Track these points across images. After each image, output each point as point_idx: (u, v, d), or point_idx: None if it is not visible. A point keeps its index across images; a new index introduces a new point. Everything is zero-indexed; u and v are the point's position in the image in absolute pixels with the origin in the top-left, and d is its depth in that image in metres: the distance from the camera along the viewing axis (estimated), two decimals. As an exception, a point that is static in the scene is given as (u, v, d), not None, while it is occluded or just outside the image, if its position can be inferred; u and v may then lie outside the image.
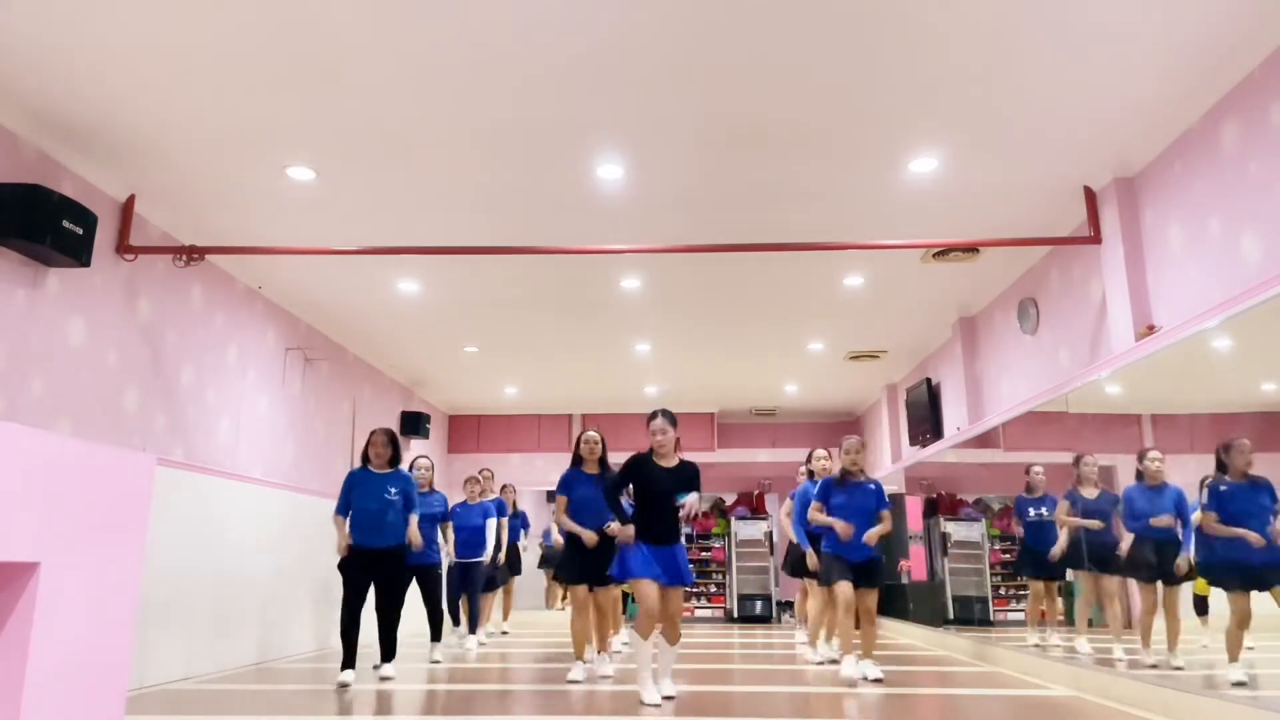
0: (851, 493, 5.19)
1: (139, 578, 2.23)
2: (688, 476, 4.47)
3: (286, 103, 4.69)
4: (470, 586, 7.52)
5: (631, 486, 4.51)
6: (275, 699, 4.55)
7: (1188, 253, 4.88)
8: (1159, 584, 4.37)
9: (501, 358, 10.14)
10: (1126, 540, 4.63)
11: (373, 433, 5.46)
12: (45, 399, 5.03)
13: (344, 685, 4.96)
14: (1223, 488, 3.78)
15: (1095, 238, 5.59)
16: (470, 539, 7.42)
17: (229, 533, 5.84)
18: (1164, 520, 4.31)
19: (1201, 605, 4.19)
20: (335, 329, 8.93)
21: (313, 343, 8.69)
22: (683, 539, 4.51)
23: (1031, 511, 5.89)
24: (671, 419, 4.49)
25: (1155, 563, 4.36)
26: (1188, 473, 4.22)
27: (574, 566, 5.22)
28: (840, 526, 5.06)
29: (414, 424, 11.11)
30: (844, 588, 5.08)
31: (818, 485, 5.48)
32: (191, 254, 6.02)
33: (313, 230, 6.37)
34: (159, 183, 5.59)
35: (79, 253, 4.91)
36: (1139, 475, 4.55)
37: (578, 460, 5.35)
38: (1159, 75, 4.40)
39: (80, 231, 4.90)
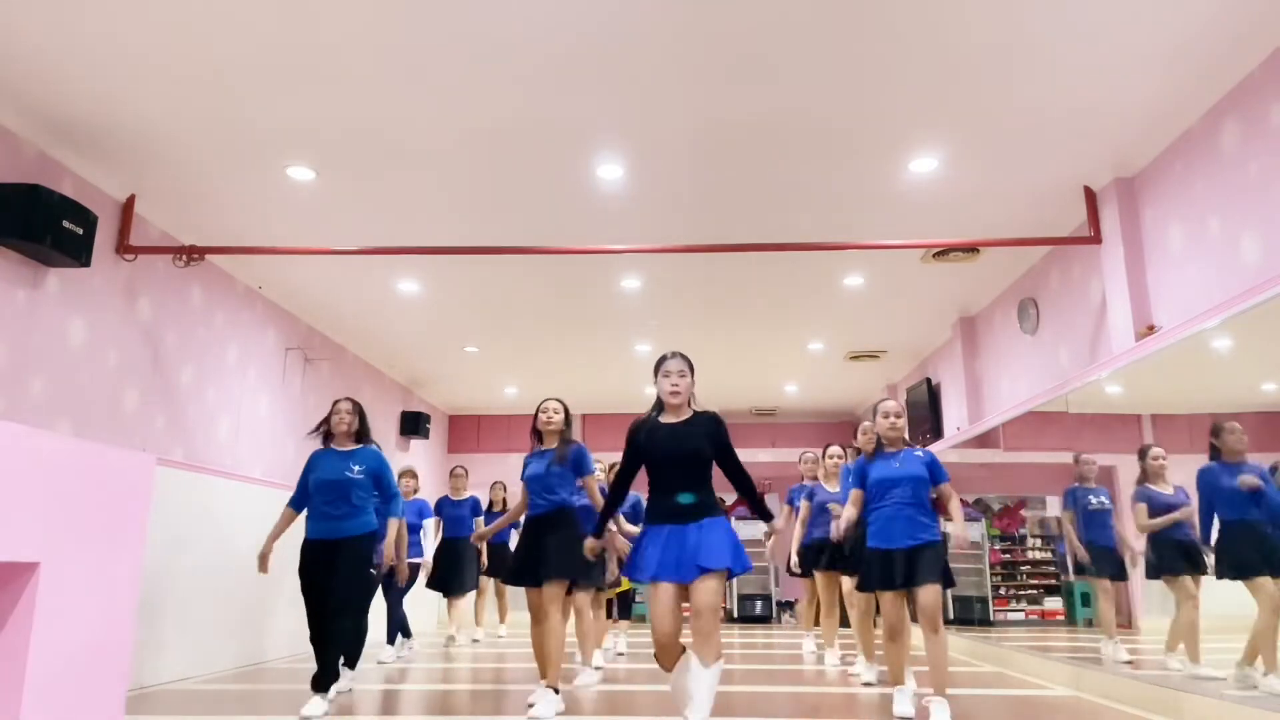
0: (890, 461, 4.01)
1: (139, 577, 2.23)
2: (704, 430, 3.33)
3: (286, 103, 4.69)
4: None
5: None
6: (275, 699, 4.54)
7: (1188, 253, 4.87)
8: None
9: (501, 358, 10.14)
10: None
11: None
12: (45, 399, 5.03)
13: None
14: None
15: (1095, 238, 5.59)
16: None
17: (229, 533, 5.83)
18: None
19: None
20: (335, 329, 8.93)
21: (313, 343, 8.68)
22: (720, 512, 3.26)
23: (1093, 500, 5.30)
24: (689, 363, 3.41)
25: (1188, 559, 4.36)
26: (1187, 471, 4.23)
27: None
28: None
29: (414, 424, 11.10)
30: (886, 603, 3.95)
31: (853, 468, 4.23)
32: (191, 254, 6.02)
33: (313, 230, 6.36)
34: (159, 183, 5.59)
35: (79, 253, 4.91)
36: (1143, 474, 4.57)
37: (538, 435, 4.39)
38: (1159, 75, 4.40)
39: (80, 231, 4.90)
